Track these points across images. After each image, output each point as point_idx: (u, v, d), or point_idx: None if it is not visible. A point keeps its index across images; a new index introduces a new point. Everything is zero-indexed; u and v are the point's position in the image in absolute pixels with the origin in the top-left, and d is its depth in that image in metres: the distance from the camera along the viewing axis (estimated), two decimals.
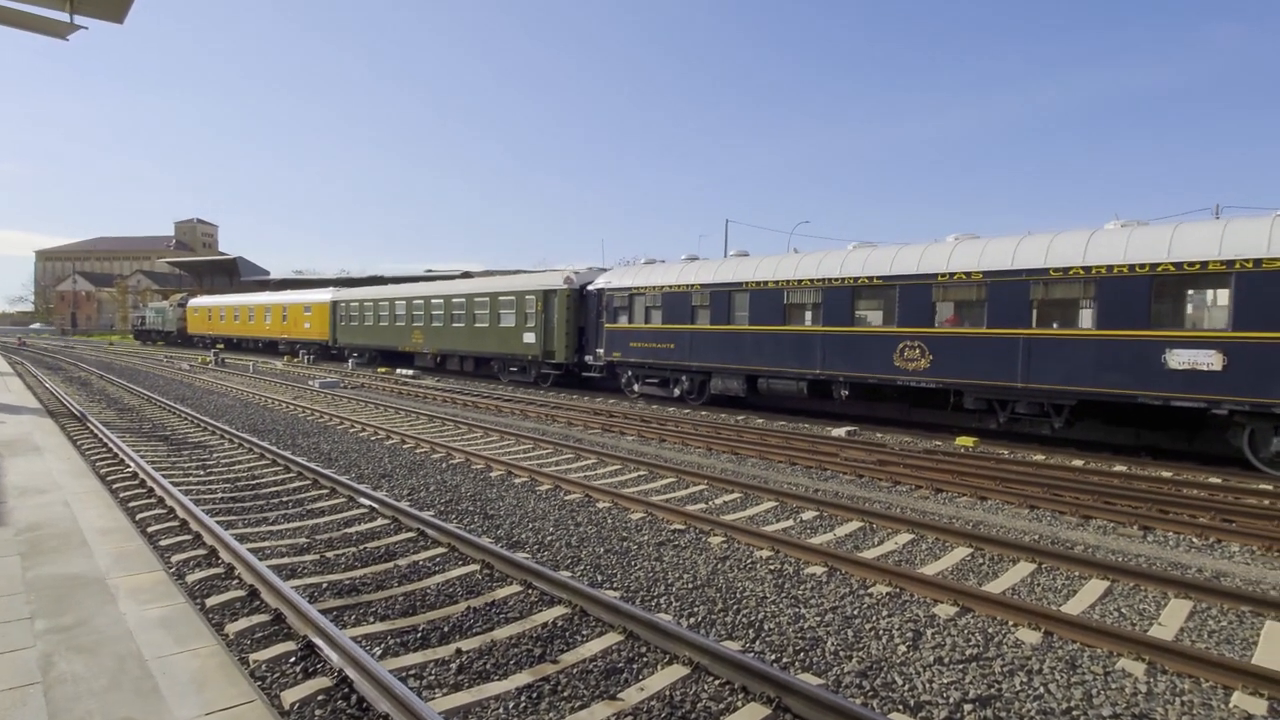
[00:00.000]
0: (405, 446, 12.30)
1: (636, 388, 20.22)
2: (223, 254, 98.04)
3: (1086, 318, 12.13)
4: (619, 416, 16.14)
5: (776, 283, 16.33)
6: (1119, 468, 10.94)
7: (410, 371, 29.26)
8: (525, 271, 36.31)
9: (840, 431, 14.18)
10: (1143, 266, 11.22)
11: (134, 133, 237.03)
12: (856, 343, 14.85)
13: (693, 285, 18.26)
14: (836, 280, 15.16)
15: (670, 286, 18.85)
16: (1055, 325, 12.48)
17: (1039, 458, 11.76)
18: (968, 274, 13.22)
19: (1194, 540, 7.44)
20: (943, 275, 13.53)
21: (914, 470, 10.41)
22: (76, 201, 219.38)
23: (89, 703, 3.32)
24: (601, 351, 20.95)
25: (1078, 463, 11.36)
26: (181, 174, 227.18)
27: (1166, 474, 10.44)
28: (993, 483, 9.59)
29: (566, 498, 8.83)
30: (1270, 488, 9.53)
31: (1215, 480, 10.04)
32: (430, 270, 48.45)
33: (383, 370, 30.68)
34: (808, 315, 16.08)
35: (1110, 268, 11.53)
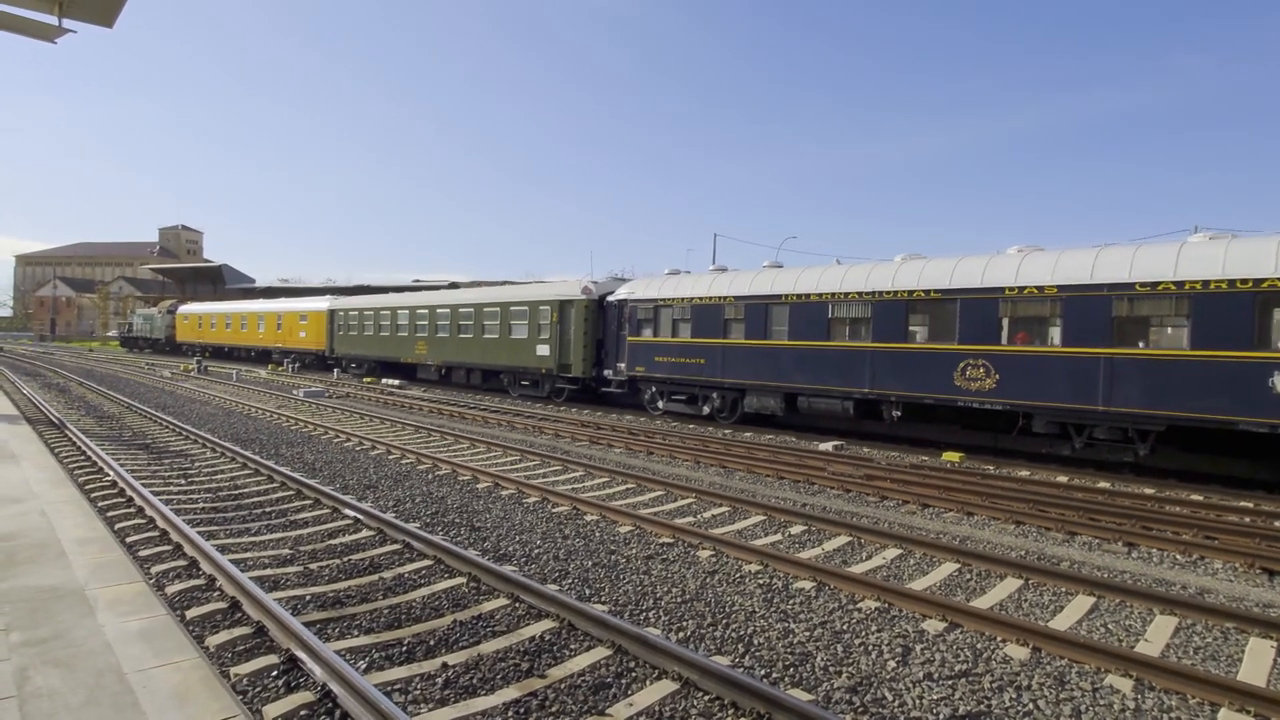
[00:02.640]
0: (391, 457, 12.18)
1: (661, 404, 19.26)
2: (207, 261, 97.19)
3: (1178, 336, 11.39)
4: (606, 429, 16.09)
5: (820, 296, 15.47)
6: (1102, 484, 11.04)
7: (396, 381, 29.00)
8: (513, 283, 36.11)
9: (828, 446, 14.22)
10: (1245, 282, 10.44)
11: (119, 137, 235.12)
12: (912, 360, 13.98)
13: (725, 297, 17.37)
14: (888, 294, 14.33)
15: (700, 298, 17.95)
16: (1141, 344, 11.63)
17: (1024, 473, 11.84)
18: (1040, 288, 12.38)
19: (1178, 557, 7.50)
20: (1010, 289, 12.70)
21: (901, 485, 10.45)
22: (59, 206, 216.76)
23: (66, 719, 3.23)
24: (623, 366, 19.95)
25: (1062, 479, 11.45)
26: (166, 179, 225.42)
27: (1149, 490, 10.56)
28: (979, 498, 9.64)
29: (554, 510, 8.77)
30: (1251, 505, 9.66)
31: (1197, 497, 10.16)
32: (418, 280, 48.23)
33: (368, 380, 30.42)
34: (855, 330, 15.13)
35: (1206, 283, 10.74)
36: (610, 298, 20.77)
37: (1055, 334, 12.45)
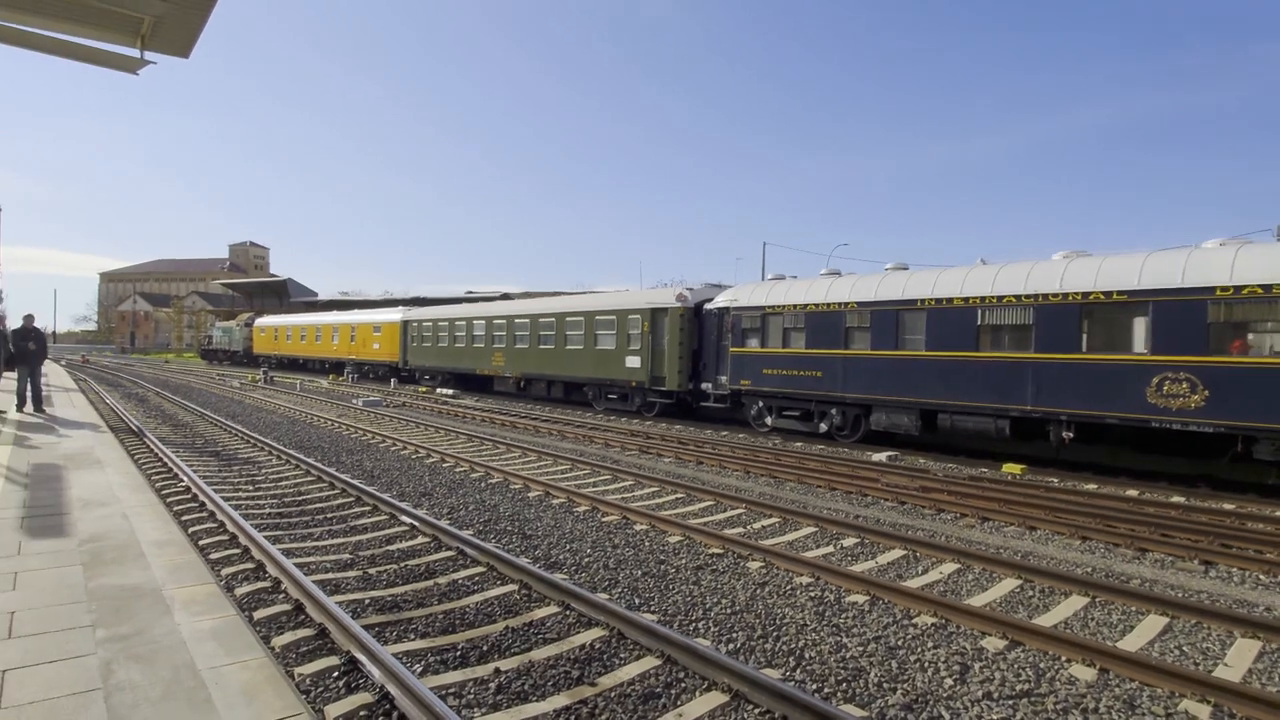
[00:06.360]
0: (445, 465, 12.47)
1: (769, 420, 17.75)
2: (273, 275, 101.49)
3: None
4: (656, 439, 16.12)
5: (966, 300, 13.78)
6: (1176, 499, 10.49)
7: (450, 391, 29.66)
8: (565, 293, 36.55)
9: (881, 456, 13.92)
10: None
11: (190, 158, 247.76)
12: (1088, 373, 12.21)
13: (846, 304, 15.80)
14: (1055, 296, 12.62)
15: (816, 305, 16.43)
16: None
17: (1091, 487, 11.35)
18: (1265, 287, 10.53)
19: (1261, 577, 7.07)
20: (1223, 289, 10.83)
21: (959, 498, 10.15)
22: (138, 225, 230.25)
23: (146, 710, 3.43)
24: (725, 379, 18.56)
25: (1132, 493, 10.93)
26: (235, 199, 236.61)
27: (1228, 506, 9.98)
28: (1042, 512, 9.29)
29: (604, 519, 8.83)
30: None
31: None
32: (470, 291, 49.30)
33: (424, 390, 31.20)
34: (1012, 338, 13.34)
35: None
36: (708, 306, 19.48)
37: None
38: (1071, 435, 12.63)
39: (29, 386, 15.85)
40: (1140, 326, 11.85)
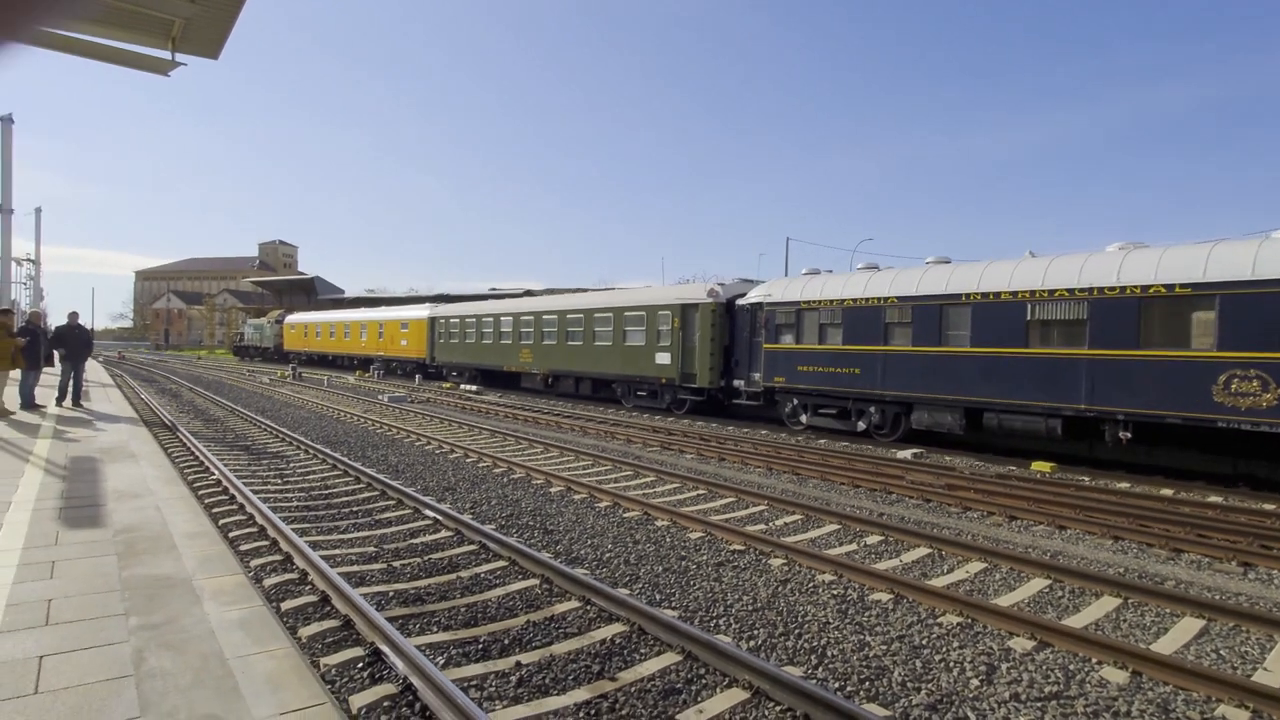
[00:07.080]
0: (468, 460, 12.57)
1: (804, 418, 17.32)
2: (301, 273, 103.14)
3: None
4: (678, 435, 16.09)
5: (1014, 294, 13.26)
6: (1214, 499, 10.21)
7: (474, 387, 29.88)
8: (587, 289, 36.64)
9: (906, 454, 13.74)
10: None
11: (219, 160, 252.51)
12: (1148, 370, 11.60)
13: (886, 299, 15.33)
14: (1111, 290, 12.03)
15: (854, 300, 15.99)
16: None
17: (1123, 486, 11.09)
18: None
19: None
20: None
21: (986, 496, 9.99)
22: (171, 224, 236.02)
23: (175, 698, 3.49)
24: (758, 376, 18.19)
25: (1167, 492, 10.67)
26: (261, 199, 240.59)
27: (1269, 506, 9.69)
28: (1072, 511, 9.10)
29: (625, 515, 8.84)
30: None
31: None
32: (494, 288, 49.58)
33: (447, 386, 31.49)
34: (1064, 334, 12.75)
35: None
36: (740, 301, 19.12)
37: None
38: (1129, 435, 12.06)
39: (70, 381, 16.30)
40: (1205, 321, 11.20)
